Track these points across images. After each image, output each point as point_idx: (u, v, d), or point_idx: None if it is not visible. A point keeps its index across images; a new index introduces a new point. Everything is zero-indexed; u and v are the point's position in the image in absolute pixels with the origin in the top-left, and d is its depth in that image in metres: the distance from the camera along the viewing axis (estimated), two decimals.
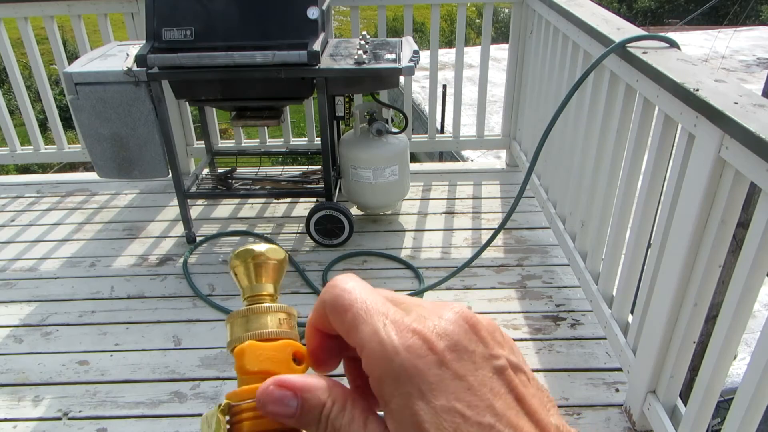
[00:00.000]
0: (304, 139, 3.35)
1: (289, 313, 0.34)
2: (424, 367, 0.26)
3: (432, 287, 2.32)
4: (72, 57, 2.76)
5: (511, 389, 0.27)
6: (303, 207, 2.93)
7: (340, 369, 0.33)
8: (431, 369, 0.26)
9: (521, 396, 0.27)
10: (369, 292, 0.29)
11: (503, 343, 0.28)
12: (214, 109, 3.09)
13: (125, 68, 2.26)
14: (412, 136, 3.17)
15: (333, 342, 0.31)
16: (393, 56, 2.33)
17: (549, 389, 1.88)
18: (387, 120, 2.63)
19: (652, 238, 1.69)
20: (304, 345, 0.32)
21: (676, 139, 1.54)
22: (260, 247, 0.34)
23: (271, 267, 0.34)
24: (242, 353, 0.31)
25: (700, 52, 11.86)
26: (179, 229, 2.74)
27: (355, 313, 0.28)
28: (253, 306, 0.33)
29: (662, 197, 1.63)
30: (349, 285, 0.29)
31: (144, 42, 2.25)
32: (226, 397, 0.31)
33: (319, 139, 2.53)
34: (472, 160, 8.47)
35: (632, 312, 1.84)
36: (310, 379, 0.28)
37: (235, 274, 0.34)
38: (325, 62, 2.28)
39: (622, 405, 1.81)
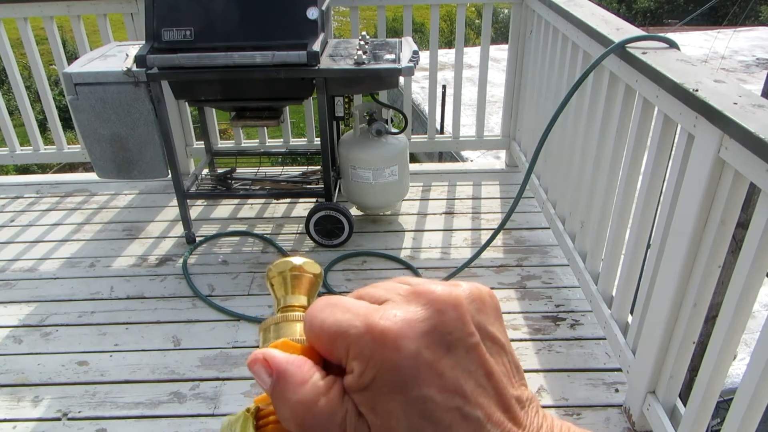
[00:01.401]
0: (303, 139, 3.35)
1: None
2: (399, 361, 0.26)
3: None
4: (71, 57, 2.76)
5: (481, 365, 0.27)
6: (303, 207, 2.93)
7: None
8: (405, 362, 0.26)
9: (490, 371, 0.28)
10: (338, 304, 0.29)
11: (483, 311, 0.29)
12: (213, 110, 3.09)
13: (125, 68, 2.26)
14: (412, 136, 3.17)
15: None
16: (392, 56, 2.33)
17: (548, 389, 1.88)
18: (386, 120, 2.63)
19: (652, 239, 1.69)
20: None
21: (676, 140, 1.54)
22: (298, 260, 0.35)
23: (307, 280, 0.35)
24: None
25: (699, 53, 11.86)
26: (179, 229, 2.74)
27: (327, 330, 0.28)
28: (286, 314, 0.33)
29: (662, 197, 1.63)
30: (316, 309, 0.29)
31: (143, 42, 2.26)
32: (254, 401, 0.31)
33: (319, 139, 2.53)
34: (471, 161, 8.47)
35: (632, 312, 1.84)
36: (291, 371, 0.28)
37: (272, 285, 0.35)
38: (325, 62, 2.28)
39: (621, 405, 1.81)
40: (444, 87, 10.33)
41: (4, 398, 1.90)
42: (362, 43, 2.45)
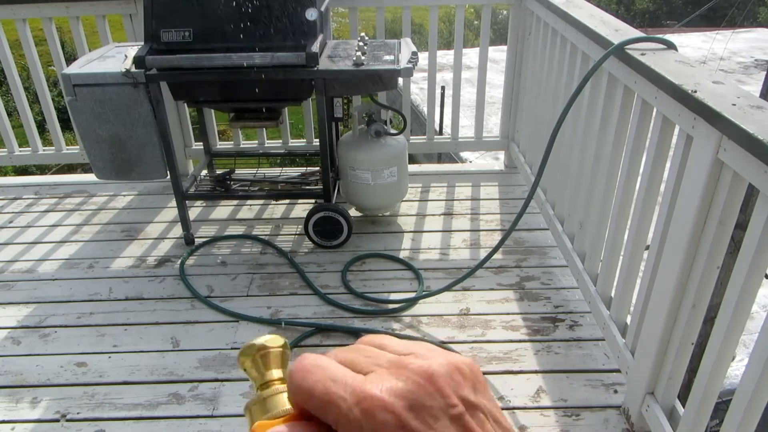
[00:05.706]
0: (302, 140, 3.35)
1: None
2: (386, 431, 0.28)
3: (436, 292, 2.31)
4: (70, 58, 2.75)
5: None
6: (302, 208, 2.93)
7: None
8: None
9: None
10: (326, 368, 0.30)
11: (462, 383, 0.30)
12: (212, 111, 3.09)
13: (124, 70, 2.26)
14: (411, 137, 3.17)
15: None
16: (391, 58, 2.33)
17: (547, 390, 1.88)
18: (385, 121, 2.63)
19: (650, 240, 1.69)
20: None
21: (674, 141, 1.54)
22: (261, 339, 0.38)
23: (275, 354, 0.37)
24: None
25: (698, 54, 11.87)
26: (177, 230, 2.74)
27: (318, 397, 0.29)
28: (265, 391, 0.36)
29: (660, 198, 1.63)
30: (303, 371, 0.30)
31: (142, 43, 2.25)
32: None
33: (318, 140, 2.53)
34: (470, 162, 8.47)
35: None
36: None
37: (245, 369, 0.38)
38: (324, 64, 2.28)
39: (620, 406, 1.81)
40: (443, 88, 10.32)
41: (2, 399, 1.90)
42: (361, 44, 2.45)
